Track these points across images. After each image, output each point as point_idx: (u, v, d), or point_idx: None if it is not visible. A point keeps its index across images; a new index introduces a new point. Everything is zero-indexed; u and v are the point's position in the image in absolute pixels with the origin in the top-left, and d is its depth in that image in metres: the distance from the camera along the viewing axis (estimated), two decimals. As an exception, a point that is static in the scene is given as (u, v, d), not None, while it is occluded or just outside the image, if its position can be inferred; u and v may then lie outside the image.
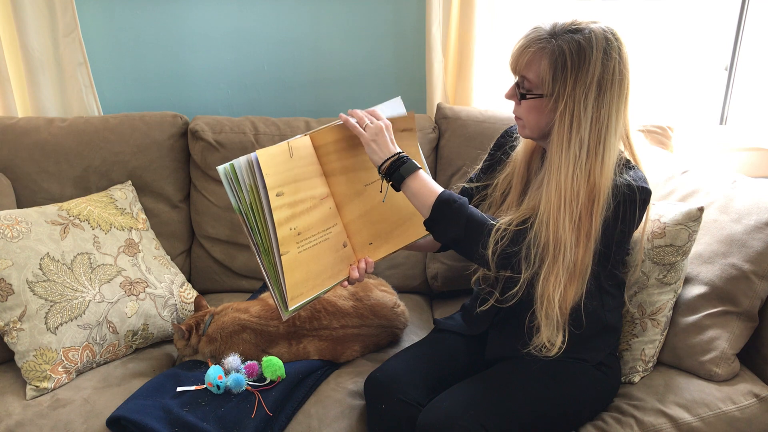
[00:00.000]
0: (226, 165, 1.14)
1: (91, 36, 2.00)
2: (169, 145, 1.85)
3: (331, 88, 2.10)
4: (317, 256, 1.24)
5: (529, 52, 1.17)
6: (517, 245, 1.16)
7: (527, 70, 1.18)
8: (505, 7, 1.93)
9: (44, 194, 1.78)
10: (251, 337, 1.43)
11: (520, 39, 1.21)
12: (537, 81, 1.17)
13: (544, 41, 1.16)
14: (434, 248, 1.49)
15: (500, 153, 1.42)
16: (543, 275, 1.15)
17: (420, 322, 1.71)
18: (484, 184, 1.42)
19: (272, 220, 1.16)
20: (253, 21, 2.03)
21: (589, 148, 1.14)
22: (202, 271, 1.91)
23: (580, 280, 1.16)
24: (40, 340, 1.40)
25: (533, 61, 1.17)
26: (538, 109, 1.19)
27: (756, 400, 1.32)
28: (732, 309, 1.38)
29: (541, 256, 1.15)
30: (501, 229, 1.17)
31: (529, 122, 1.23)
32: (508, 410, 1.21)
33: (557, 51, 1.14)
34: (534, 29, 1.19)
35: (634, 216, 1.18)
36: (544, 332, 1.17)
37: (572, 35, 1.14)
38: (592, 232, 1.15)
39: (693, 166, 1.62)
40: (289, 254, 1.18)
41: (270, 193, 1.15)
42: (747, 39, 2.07)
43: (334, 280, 1.28)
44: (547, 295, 1.15)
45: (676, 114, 2.10)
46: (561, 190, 1.14)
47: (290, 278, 1.19)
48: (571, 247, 1.14)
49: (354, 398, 1.36)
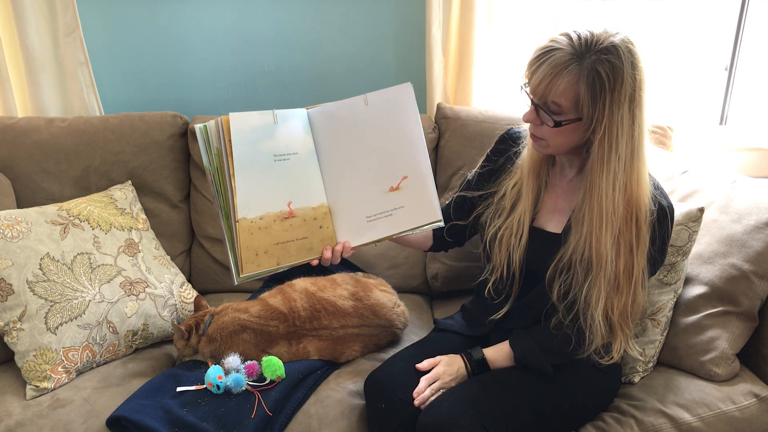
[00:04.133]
0: (201, 125, 1.21)
1: (92, 36, 2.00)
2: (169, 145, 1.85)
3: (331, 88, 2.10)
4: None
5: (560, 78, 1.10)
6: (576, 316, 1.22)
7: (560, 96, 1.12)
8: (504, 8, 1.92)
9: (44, 194, 1.78)
10: (251, 337, 1.43)
11: (538, 64, 1.13)
12: (570, 105, 1.13)
13: (574, 65, 1.10)
14: (426, 246, 1.48)
15: (502, 159, 1.39)
16: (586, 288, 1.19)
17: (420, 322, 1.71)
18: (488, 192, 1.39)
19: (231, 185, 1.20)
20: (253, 21, 2.03)
21: (625, 163, 1.14)
22: (202, 271, 1.91)
23: (627, 289, 1.19)
24: (40, 340, 1.40)
25: (568, 87, 1.11)
26: (571, 132, 1.16)
27: (756, 400, 1.32)
28: (732, 309, 1.38)
29: (585, 269, 1.19)
30: (559, 323, 1.24)
31: (555, 143, 1.20)
32: (508, 410, 1.21)
33: (593, 74, 1.09)
34: (550, 51, 1.12)
35: (669, 236, 1.25)
36: (595, 340, 1.22)
37: (601, 55, 1.09)
38: (634, 242, 1.17)
39: (693, 166, 1.62)
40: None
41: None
42: (747, 39, 2.07)
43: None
44: (590, 306, 1.19)
45: (676, 114, 2.09)
46: (602, 208, 1.16)
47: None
48: (611, 260, 1.17)
49: (354, 398, 1.36)
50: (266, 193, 1.24)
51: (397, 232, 1.30)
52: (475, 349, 1.32)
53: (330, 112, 1.31)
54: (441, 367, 1.29)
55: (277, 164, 1.26)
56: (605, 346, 1.24)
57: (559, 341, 1.25)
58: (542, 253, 1.26)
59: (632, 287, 1.19)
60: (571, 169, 1.29)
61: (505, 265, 1.30)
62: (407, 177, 1.29)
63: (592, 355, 1.23)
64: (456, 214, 1.43)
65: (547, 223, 1.31)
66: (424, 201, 1.29)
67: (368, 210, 1.30)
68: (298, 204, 1.28)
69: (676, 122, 1.93)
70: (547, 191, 1.32)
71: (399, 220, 1.30)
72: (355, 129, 1.30)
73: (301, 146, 1.29)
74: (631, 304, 1.21)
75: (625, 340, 1.24)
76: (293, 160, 1.28)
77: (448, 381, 1.27)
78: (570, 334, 1.23)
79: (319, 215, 1.30)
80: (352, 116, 1.30)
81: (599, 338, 1.21)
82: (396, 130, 1.29)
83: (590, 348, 1.22)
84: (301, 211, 1.28)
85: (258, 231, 1.23)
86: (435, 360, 1.31)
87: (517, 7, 1.93)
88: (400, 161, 1.29)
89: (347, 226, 1.31)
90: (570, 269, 1.21)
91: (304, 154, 1.29)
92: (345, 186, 1.30)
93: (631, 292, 1.20)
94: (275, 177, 1.25)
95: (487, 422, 1.16)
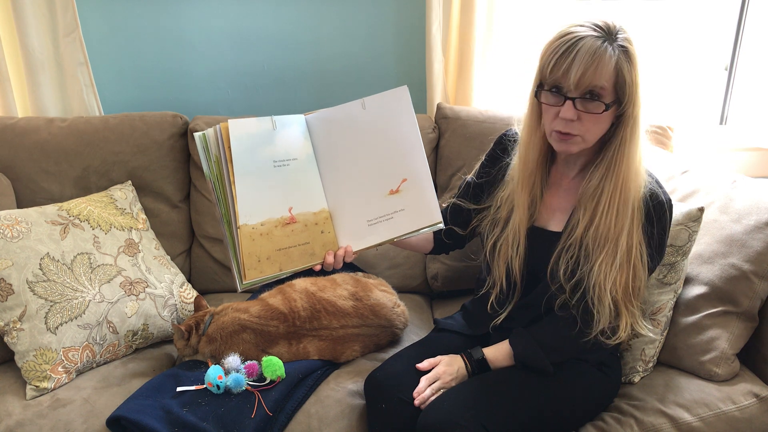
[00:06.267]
0: (200, 133, 1.21)
1: (92, 36, 2.00)
2: (169, 145, 1.85)
3: (331, 88, 2.10)
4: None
5: (603, 60, 1.11)
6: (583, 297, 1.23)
7: (605, 80, 1.12)
8: (505, 7, 1.92)
9: (44, 194, 1.78)
10: (251, 337, 1.43)
11: (576, 54, 1.11)
12: (611, 87, 1.13)
13: (609, 47, 1.12)
14: (427, 249, 1.48)
15: (495, 170, 1.39)
16: (596, 266, 1.20)
17: (420, 322, 1.71)
18: (482, 207, 1.40)
19: (231, 192, 1.20)
20: (253, 21, 2.03)
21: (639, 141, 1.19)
22: (202, 271, 1.91)
23: (627, 266, 1.21)
24: (40, 340, 1.40)
25: (611, 68, 1.12)
26: (609, 117, 1.17)
27: (756, 400, 1.32)
28: (732, 309, 1.38)
29: (596, 247, 1.21)
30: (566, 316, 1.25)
31: (592, 135, 1.19)
32: (508, 410, 1.21)
33: (624, 53, 1.13)
34: (579, 39, 1.11)
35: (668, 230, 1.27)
36: (603, 319, 1.22)
37: (622, 35, 1.14)
38: (630, 219, 1.20)
39: (693, 166, 1.62)
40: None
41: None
42: (747, 39, 2.07)
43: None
44: (599, 283, 1.20)
45: (676, 114, 2.10)
46: (620, 185, 1.19)
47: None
48: (617, 238, 1.20)
49: (354, 398, 1.36)
50: (267, 199, 1.24)
51: (398, 235, 1.30)
52: (475, 349, 1.32)
53: (328, 117, 1.31)
54: (441, 366, 1.29)
55: (276, 170, 1.25)
56: (612, 327, 1.23)
57: (563, 327, 1.25)
58: (543, 253, 1.26)
59: (632, 264, 1.21)
60: (574, 167, 1.29)
61: (504, 277, 1.31)
62: (406, 180, 1.29)
63: (598, 336, 1.23)
64: (453, 220, 1.43)
65: (548, 222, 1.31)
66: (423, 203, 1.29)
67: (369, 214, 1.30)
68: (299, 209, 1.28)
69: (676, 122, 1.94)
70: (548, 190, 1.32)
71: (400, 223, 1.30)
72: (353, 133, 1.30)
73: (301, 152, 1.29)
74: (635, 283, 1.22)
75: (632, 317, 1.24)
76: (293, 165, 1.28)
77: (448, 381, 1.27)
78: (575, 315, 1.22)
79: (321, 220, 1.30)
80: (349, 120, 1.30)
81: (606, 317, 1.21)
82: (394, 133, 1.29)
83: (597, 328, 1.22)
84: (302, 216, 1.28)
85: (260, 237, 1.23)
86: (435, 360, 1.31)
87: (518, 7, 1.93)
88: (399, 164, 1.29)
89: (348, 230, 1.31)
90: (579, 247, 1.22)
91: (304, 160, 1.29)
92: (345, 190, 1.30)
93: (631, 269, 1.21)
94: (275, 183, 1.25)
95: (487, 422, 1.16)
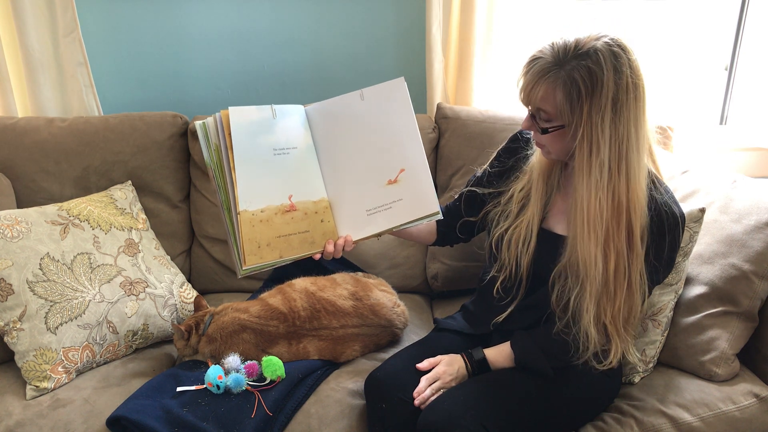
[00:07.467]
0: (200, 122, 1.24)
1: (92, 36, 2.00)
2: (169, 145, 1.85)
3: (331, 88, 2.10)
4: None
5: (539, 86, 1.14)
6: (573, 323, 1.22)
7: (543, 103, 1.15)
8: (505, 8, 1.92)
9: (44, 194, 1.78)
10: (251, 337, 1.43)
11: (525, 73, 1.17)
12: (555, 112, 1.15)
13: (552, 72, 1.12)
14: (429, 240, 1.49)
15: (512, 160, 1.39)
16: (576, 295, 1.19)
17: (420, 322, 1.71)
18: (497, 191, 1.39)
19: (231, 177, 1.22)
20: (253, 21, 2.03)
21: (610, 168, 1.14)
22: (202, 271, 1.91)
23: (620, 294, 1.18)
24: (40, 340, 1.40)
25: (547, 94, 1.14)
26: (562, 137, 1.18)
27: (756, 400, 1.32)
28: (732, 309, 1.38)
29: (575, 276, 1.20)
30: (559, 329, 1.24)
31: (554, 149, 1.22)
32: (508, 410, 1.21)
33: (569, 81, 1.11)
34: (535, 60, 1.15)
35: (679, 244, 1.25)
36: (590, 347, 1.21)
37: (580, 61, 1.10)
38: (625, 248, 1.16)
39: (693, 166, 1.62)
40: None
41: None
42: (747, 39, 2.07)
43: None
44: (580, 314, 1.19)
45: (676, 114, 2.10)
46: (584, 213, 1.16)
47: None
48: (598, 266, 1.16)
49: (354, 398, 1.36)
50: (267, 186, 1.25)
51: (397, 224, 1.31)
52: (476, 349, 1.32)
53: (327, 108, 1.33)
54: (441, 366, 1.29)
55: (276, 158, 1.27)
56: (603, 351, 1.23)
57: (559, 346, 1.25)
58: (549, 256, 1.26)
59: (627, 292, 1.18)
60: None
61: (514, 265, 1.31)
62: (405, 170, 1.30)
63: (590, 359, 1.23)
64: (466, 210, 1.44)
65: (556, 224, 1.31)
66: (422, 193, 1.30)
67: (368, 203, 1.31)
68: (299, 198, 1.29)
69: (676, 122, 1.94)
70: (559, 192, 1.32)
71: (398, 213, 1.31)
72: (352, 124, 1.32)
73: (300, 141, 1.31)
74: (628, 309, 1.20)
75: (623, 344, 1.23)
76: (293, 154, 1.29)
77: (448, 381, 1.27)
78: (568, 341, 1.23)
79: (320, 209, 1.31)
80: (348, 111, 1.32)
81: (593, 345, 1.20)
82: (392, 124, 1.31)
83: (585, 354, 1.22)
84: (302, 204, 1.29)
85: (259, 223, 1.24)
86: (435, 360, 1.31)
87: (518, 8, 1.93)
88: (397, 154, 1.30)
89: (348, 219, 1.32)
90: (567, 276, 1.22)
91: (304, 149, 1.31)
92: (344, 180, 1.31)
93: (627, 298, 1.19)
94: (275, 170, 1.27)
95: (487, 422, 1.16)
